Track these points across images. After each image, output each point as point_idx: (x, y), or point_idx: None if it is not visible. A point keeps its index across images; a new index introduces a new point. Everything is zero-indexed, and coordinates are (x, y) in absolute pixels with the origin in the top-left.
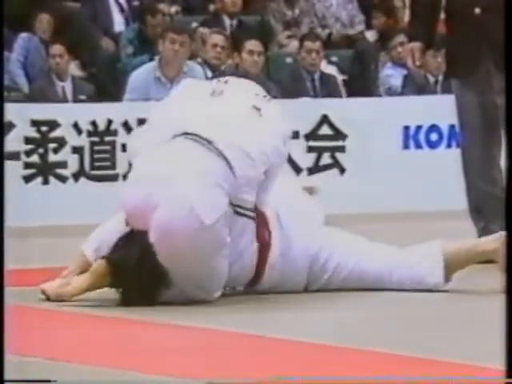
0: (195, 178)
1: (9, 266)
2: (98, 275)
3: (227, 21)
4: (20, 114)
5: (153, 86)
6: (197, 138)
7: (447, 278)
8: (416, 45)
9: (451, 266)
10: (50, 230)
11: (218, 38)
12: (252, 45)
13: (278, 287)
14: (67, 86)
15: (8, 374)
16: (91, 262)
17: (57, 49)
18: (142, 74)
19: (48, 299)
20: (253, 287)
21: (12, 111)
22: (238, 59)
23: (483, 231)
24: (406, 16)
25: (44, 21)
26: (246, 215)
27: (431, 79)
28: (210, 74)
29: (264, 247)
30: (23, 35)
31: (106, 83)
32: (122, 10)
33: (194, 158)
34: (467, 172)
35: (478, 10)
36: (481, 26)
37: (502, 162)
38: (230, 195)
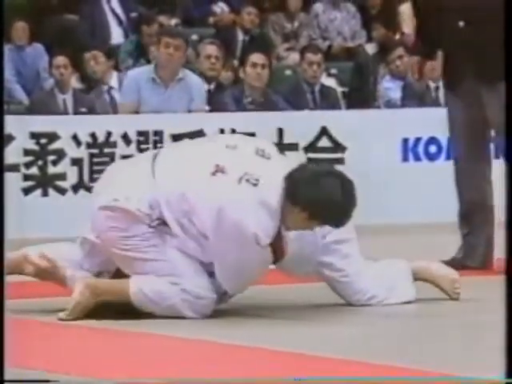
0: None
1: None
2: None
3: (241, 36)
4: (19, 127)
5: (146, 87)
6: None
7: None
8: (414, 59)
9: None
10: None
11: (211, 49)
12: (255, 58)
13: (295, 261)
14: (68, 99)
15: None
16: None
17: (60, 60)
18: (136, 75)
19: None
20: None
21: (11, 124)
22: (242, 74)
23: (467, 237)
24: (405, 28)
25: (19, 28)
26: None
27: (432, 85)
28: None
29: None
30: (7, 48)
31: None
32: (120, 22)
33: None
34: (458, 182)
35: (461, 24)
36: (464, 38)
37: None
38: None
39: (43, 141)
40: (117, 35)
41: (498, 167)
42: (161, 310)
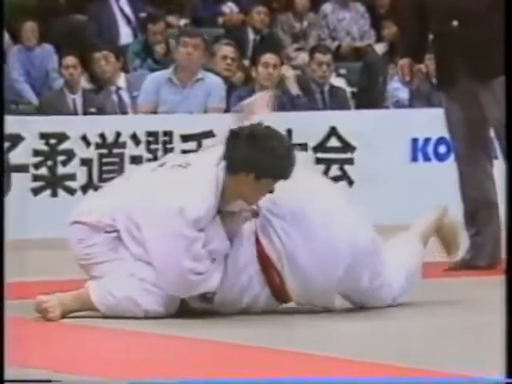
0: None
1: (9, 278)
2: None
3: (251, 35)
4: (29, 127)
5: (164, 88)
6: None
7: None
8: (405, 61)
9: None
10: (58, 243)
11: (227, 50)
12: (267, 58)
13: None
14: (78, 99)
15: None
16: None
17: (70, 60)
18: (156, 76)
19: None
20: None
21: (21, 124)
22: (255, 73)
23: (475, 236)
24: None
25: (28, 29)
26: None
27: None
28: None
29: (276, 286)
30: (16, 48)
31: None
32: (128, 22)
33: None
34: (461, 182)
35: (455, 23)
36: (458, 39)
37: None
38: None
39: (52, 141)
40: (125, 35)
41: (497, 167)
42: (119, 303)
